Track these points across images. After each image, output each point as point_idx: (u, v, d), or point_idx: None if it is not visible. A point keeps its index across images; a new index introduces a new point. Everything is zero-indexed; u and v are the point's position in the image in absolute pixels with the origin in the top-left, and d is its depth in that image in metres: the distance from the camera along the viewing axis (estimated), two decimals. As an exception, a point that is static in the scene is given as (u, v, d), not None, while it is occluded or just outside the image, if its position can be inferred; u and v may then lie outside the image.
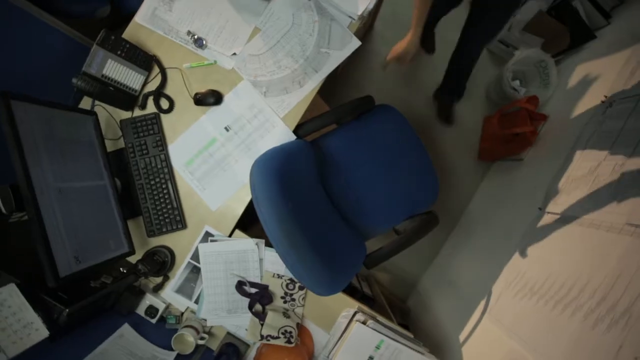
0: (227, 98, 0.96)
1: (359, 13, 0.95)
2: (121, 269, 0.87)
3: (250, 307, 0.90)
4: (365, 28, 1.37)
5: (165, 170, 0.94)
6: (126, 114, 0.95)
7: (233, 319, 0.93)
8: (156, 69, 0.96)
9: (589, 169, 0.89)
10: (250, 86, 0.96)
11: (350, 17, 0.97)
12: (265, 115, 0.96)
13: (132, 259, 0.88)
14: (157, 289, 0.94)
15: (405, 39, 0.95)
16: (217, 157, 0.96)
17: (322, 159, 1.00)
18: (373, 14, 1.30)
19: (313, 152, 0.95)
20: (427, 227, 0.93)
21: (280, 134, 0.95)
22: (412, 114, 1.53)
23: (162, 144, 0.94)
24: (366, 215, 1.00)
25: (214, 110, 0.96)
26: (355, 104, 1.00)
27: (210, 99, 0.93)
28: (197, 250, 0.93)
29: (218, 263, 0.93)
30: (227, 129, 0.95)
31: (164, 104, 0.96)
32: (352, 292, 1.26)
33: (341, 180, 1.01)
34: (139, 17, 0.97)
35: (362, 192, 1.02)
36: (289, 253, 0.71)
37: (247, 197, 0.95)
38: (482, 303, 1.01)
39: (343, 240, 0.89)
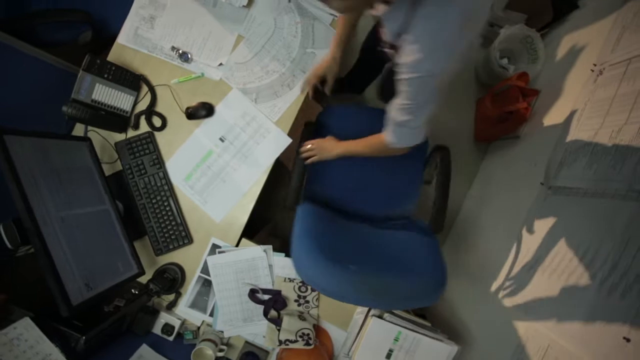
0: (218, 109, 0.96)
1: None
2: (133, 290, 0.87)
3: (265, 313, 0.90)
4: (348, 23, 1.37)
5: (166, 187, 0.94)
6: (120, 136, 0.95)
7: (249, 327, 0.93)
8: (145, 88, 0.96)
9: (586, 139, 0.89)
10: (240, 94, 0.96)
11: (331, 14, 0.97)
12: (258, 122, 0.96)
13: (143, 279, 0.88)
14: (171, 306, 0.94)
15: (325, 60, 0.91)
16: (215, 169, 0.96)
17: (326, 199, 0.99)
18: (354, 8, 1.29)
19: (316, 204, 0.91)
20: (447, 159, 0.92)
21: (276, 139, 0.95)
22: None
23: (159, 161, 0.94)
24: (389, 203, 0.99)
25: (207, 122, 0.96)
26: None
27: (201, 111, 0.93)
28: (206, 263, 0.93)
29: (228, 274, 0.93)
30: (222, 140, 0.95)
31: (157, 121, 0.96)
32: (365, 287, 1.26)
33: (348, 196, 1.00)
34: (122, 38, 0.96)
35: (370, 189, 1.01)
36: (381, 299, 0.72)
37: (249, 205, 0.95)
38: (495, 284, 1.01)
39: (399, 244, 0.88)
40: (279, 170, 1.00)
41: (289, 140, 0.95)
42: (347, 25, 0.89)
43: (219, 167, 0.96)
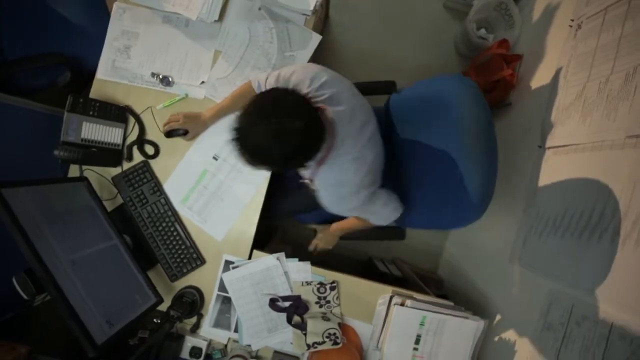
0: (216, 126, 0.95)
1: (311, 8, 0.95)
2: (155, 319, 0.87)
3: (289, 320, 0.90)
4: (322, 20, 1.37)
5: (169, 213, 0.94)
6: (116, 170, 0.95)
7: (276, 336, 0.93)
8: (132, 119, 0.95)
9: (575, 94, 0.89)
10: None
11: (304, 14, 0.97)
12: None
13: (163, 307, 0.88)
14: (195, 328, 0.95)
15: (198, 116, 0.90)
16: (212, 188, 0.95)
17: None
18: (325, 3, 1.29)
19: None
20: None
21: None
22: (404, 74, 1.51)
23: (158, 189, 0.94)
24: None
25: (199, 141, 0.96)
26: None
27: (179, 131, 0.92)
28: (222, 281, 0.93)
29: (246, 287, 0.93)
30: (215, 158, 0.95)
31: (149, 149, 0.96)
32: (383, 277, 1.26)
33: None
34: (101, 73, 0.96)
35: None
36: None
37: (255, 217, 0.95)
38: (510, 253, 1.01)
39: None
40: (280, 179, 0.99)
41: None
42: (236, 105, 0.91)
43: (215, 186, 0.95)
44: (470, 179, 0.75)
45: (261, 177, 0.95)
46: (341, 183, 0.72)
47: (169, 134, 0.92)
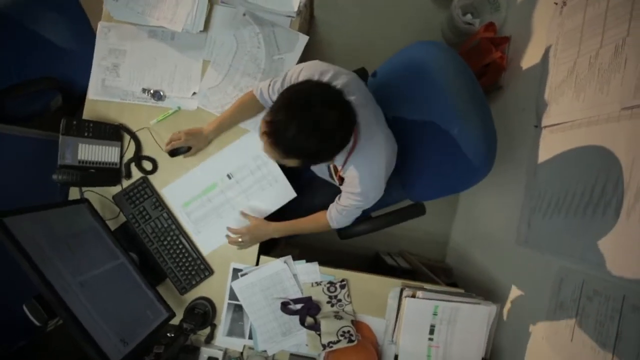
0: (233, 145, 0.94)
1: (295, 9, 0.95)
2: (168, 334, 0.87)
3: (302, 322, 0.90)
4: (307, 21, 1.37)
5: (173, 227, 0.94)
6: (116, 189, 0.95)
7: (290, 340, 0.93)
8: (127, 136, 0.95)
9: (567, 71, 0.89)
10: (257, 137, 0.94)
11: (288, 16, 0.97)
12: (268, 168, 0.94)
13: (175, 321, 0.88)
14: (209, 339, 0.95)
15: (200, 132, 0.90)
16: (216, 203, 0.95)
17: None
18: (309, 4, 1.29)
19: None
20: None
21: (281, 190, 0.94)
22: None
23: (160, 204, 0.94)
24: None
25: (219, 155, 0.94)
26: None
27: (182, 148, 0.92)
28: (232, 289, 0.93)
29: (256, 293, 0.93)
30: (229, 177, 0.94)
31: (147, 165, 0.96)
32: (392, 271, 1.26)
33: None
34: (91, 93, 0.96)
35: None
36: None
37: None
38: (516, 235, 1.01)
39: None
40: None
41: (294, 195, 0.94)
42: (239, 116, 0.91)
43: (219, 202, 0.95)
44: (469, 134, 0.75)
45: (263, 213, 0.94)
46: (376, 163, 0.73)
47: (173, 153, 0.91)
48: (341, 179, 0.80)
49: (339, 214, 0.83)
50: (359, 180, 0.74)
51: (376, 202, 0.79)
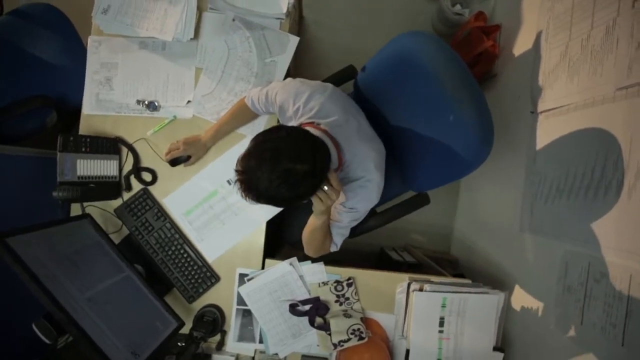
0: (231, 151, 0.94)
1: (284, 11, 0.95)
2: (179, 343, 0.87)
3: (311, 322, 0.91)
4: (297, 22, 1.37)
5: (177, 236, 0.94)
6: (117, 202, 0.95)
7: (301, 341, 0.93)
8: (125, 149, 0.95)
9: (559, 55, 0.89)
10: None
11: (278, 18, 0.97)
12: None
13: (185, 330, 0.88)
14: (220, 346, 0.95)
15: (198, 140, 0.90)
16: (217, 210, 0.95)
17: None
18: (298, 4, 1.29)
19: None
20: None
21: None
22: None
23: (162, 214, 0.94)
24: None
25: (218, 162, 0.94)
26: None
27: (182, 157, 0.92)
28: (239, 295, 0.93)
29: (264, 297, 0.93)
30: (229, 183, 0.94)
31: (147, 176, 0.96)
32: (397, 266, 1.26)
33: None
34: (86, 109, 0.96)
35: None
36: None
37: (262, 225, 0.95)
38: (519, 222, 1.01)
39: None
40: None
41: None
42: (235, 123, 0.91)
43: (220, 209, 0.95)
44: (464, 120, 0.75)
45: (265, 217, 0.94)
46: (365, 179, 0.72)
47: (173, 162, 0.91)
48: None
49: (335, 234, 0.81)
50: (350, 196, 0.74)
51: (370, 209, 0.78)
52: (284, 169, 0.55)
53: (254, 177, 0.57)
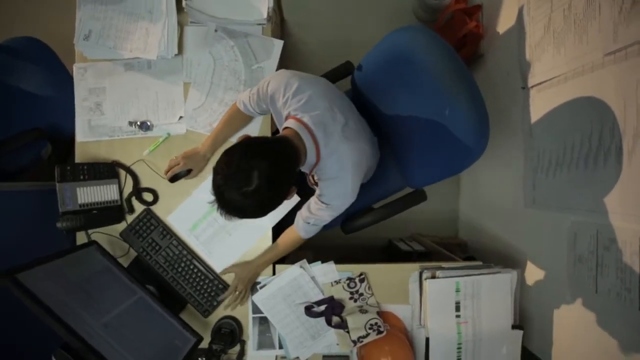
0: None
1: (265, 16, 0.95)
2: (199, 358, 0.88)
3: (329, 322, 0.91)
4: (279, 25, 1.37)
5: (185, 252, 0.94)
6: (121, 226, 0.95)
7: (320, 342, 0.94)
8: (122, 172, 0.95)
9: (543, 28, 0.89)
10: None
11: (259, 24, 0.97)
12: None
13: (204, 344, 0.88)
14: (240, 356, 0.95)
15: (196, 152, 0.91)
16: (222, 221, 0.93)
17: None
18: (278, 8, 1.29)
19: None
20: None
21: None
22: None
23: (167, 232, 0.94)
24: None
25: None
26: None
27: (182, 172, 0.92)
28: (254, 303, 0.94)
29: (278, 303, 0.93)
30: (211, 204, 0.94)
31: (148, 197, 0.96)
32: (407, 256, 1.26)
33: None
34: (80, 136, 0.96)
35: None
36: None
37: (269, 233, 0.95)
38: (523, 199, 1.01)
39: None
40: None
41: (297, 199, 0.93)
42: (230, 129, 0.91)
43: (225, 220, 0.94)
44: (460, 114, 0.75)
45: (271, 221, 0.94)
46: (340, 178, 0.72)
47: (174, 179, 0.91)
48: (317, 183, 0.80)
49: (306, 223, 0.81)
50: (325, 191, 0.74)
51: (347, 207, 0.78)
52: (238, 188, 0.57)
53: (220, 195, 0.60)
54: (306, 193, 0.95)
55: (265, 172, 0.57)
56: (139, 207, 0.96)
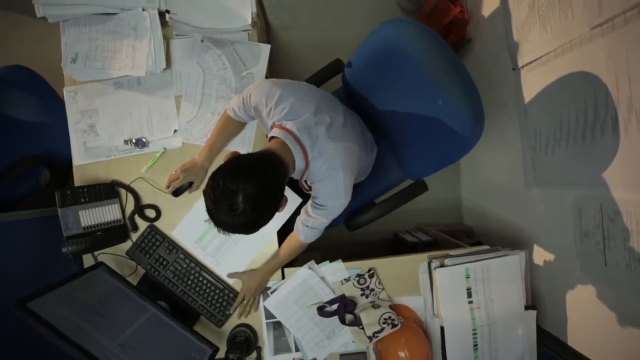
0: None
1: (249, 22, 0.94)
2: (217, 369, 0.88)
3: (342, 321, 0.91)
4: (264, 30, 1.36)
5: (192, 265, 0.94)
6: (127, 244, 0.95)
7: (336, 341, 0.94)
8: (123, 191, 0.95)
9: (527, 7, 0.89)
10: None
11: (245, 30, 0.97)
12: None
13: (220, 354, 0.89)
14: (258, 363, 0.95)
15: (194, 163, 0.91)
16: None
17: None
18: (261, 12, 1.29)
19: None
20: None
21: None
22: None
23: (173, 247, 0.94)
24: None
25: None
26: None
27: (184, 185, 0.92)
28: (266, 309, 0.94)
29: (290, 306, 0.93)
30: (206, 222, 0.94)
31: (150, 213, 0.96)
32: (415, 247, 1.26)
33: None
34: (76, 160, 0.96)
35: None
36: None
37: (274, 237, 0.95)
38: (524, 179, 1.02)
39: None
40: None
41: (299, 200, 0.94)
42: (224, 137, 0.91)
43: None
44: (453, 103, 0.75)
45: (275, 226, 0.94)
46: (330, 179, 0.72)
47: (176, 193, 0.91)
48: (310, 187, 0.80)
49: (305, 226, 0.80)
50: (318, 193, 0.74)
51: (345, 208, 0.77)
52: (228, 207, 0.57)
53: (213, 214, 0.60)
54: (306, 195, 0.95)
55: (251, 194, 0.57)
56: (142, 225, 0.96)
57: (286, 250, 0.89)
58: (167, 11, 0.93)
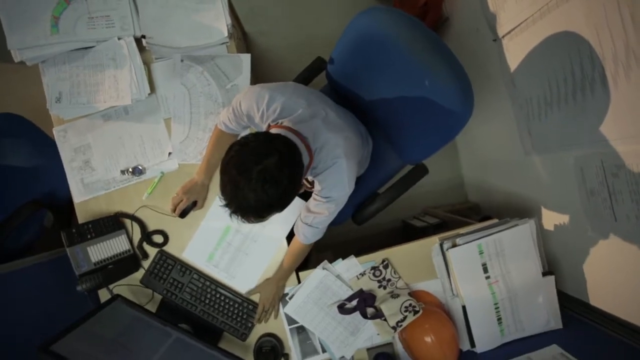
0: None
1: (226, 34, 0.94)
2: (248, 382, 0.88)
3: (364, 315, 0.91)
4: (242, 39, 1.36)
5: (207, 283, 0.94)
6: (140, 273, 0.95)
7: (361, 336, 0.94)
8: (127, 221, 0.95)
9: (500, -24, 0.89)
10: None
11: (222, 43, 0.97)
12: None
13: (249, 368, 0.89)
14: (287, 370, 0.95)
15: (194, 182, 0.91)
16: (236, 244, 0.95)
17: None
18: (237, 23, 1.29)
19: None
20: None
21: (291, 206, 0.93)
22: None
23: (186, 268, 0.94)
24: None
25: (219, 198, 0.94)
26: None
27: (189, 206, 0.92)
28: (287, 316, 0.94)
29: (311, 309, 0.93)
30: (230, 217, 0.93)
31: (158, 239, 0.96)
32: (424, 231, 1.27)
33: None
34: (77, 197, 0.96)
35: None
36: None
37: (284, 243, 0.95)
38: (522, 147, 1.01)
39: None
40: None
41: (302, 203, 0.92)
42: (219, 152, 0.87)
43: (239, 241, 0.95)
44: (440, 82, 0.75)
45: (283, 231, 0.94)
46: (335, 170, 0.72)
47: (183, 214, 0.92)
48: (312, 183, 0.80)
49: (305, 224, 0.79)
50: (323, 184, 0.73)
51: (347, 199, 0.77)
52: (257, 172, 0.56)
53: (240, 198, 0.58)
54: (306, 196, 0.95)
55: (272, 164, 0.57)
56: (152, 251, 0.96)
57: (289, 255, 0.90)
58: (143, 36, 0.93)
